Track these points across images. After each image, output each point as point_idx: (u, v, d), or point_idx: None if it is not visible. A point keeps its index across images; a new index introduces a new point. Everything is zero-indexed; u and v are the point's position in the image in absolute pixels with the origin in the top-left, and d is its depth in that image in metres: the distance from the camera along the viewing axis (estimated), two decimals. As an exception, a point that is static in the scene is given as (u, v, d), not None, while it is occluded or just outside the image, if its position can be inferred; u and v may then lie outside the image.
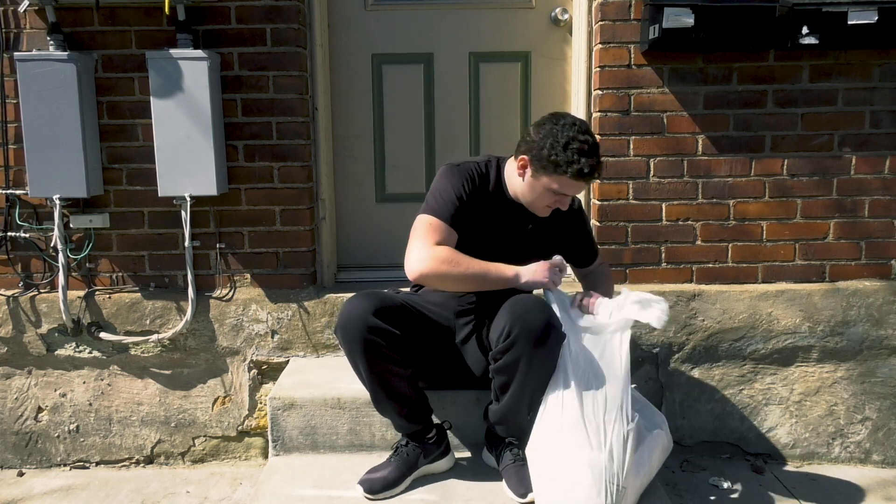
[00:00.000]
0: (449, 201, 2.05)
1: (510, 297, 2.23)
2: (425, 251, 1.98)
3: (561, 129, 1.96)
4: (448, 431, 2.23)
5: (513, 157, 2.11)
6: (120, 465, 2.74)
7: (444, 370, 2.25)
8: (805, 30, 2.40)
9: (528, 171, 2.03)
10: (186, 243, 2.59)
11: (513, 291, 2.27)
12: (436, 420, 2.20)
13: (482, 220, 2.10)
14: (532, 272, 2.01)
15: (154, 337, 2.64)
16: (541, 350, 1.92)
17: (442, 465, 2.19)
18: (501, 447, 2.15)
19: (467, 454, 2.32)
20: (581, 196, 2.73)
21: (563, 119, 2.00)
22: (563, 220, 2.20)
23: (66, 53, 2.45)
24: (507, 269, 2.01)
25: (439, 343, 2.19)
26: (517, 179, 2.08)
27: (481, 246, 2.05)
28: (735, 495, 2.45)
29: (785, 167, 2.61)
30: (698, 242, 2.65)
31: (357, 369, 2.04)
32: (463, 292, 2.17)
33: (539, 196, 2.05)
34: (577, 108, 2.73)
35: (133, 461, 2.74)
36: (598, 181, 2.56)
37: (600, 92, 2.59)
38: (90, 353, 2.68)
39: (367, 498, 2.03)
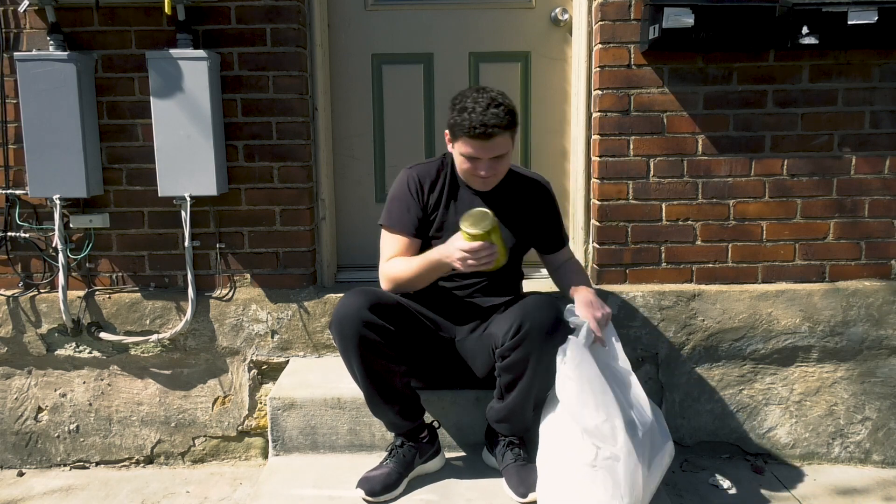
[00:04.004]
0: (401, 207, 2.18)
1: (512, 295, 2.24)
2: (381, 269, 2.18)
3: (463, 96, 2.06)
4: (438, 431, 2.23)
5: None
6: (120, 465, 2.74)
7: (442, 369, 2.25)
8: (805, 30, 2.40)
9: (450, 144, 2.12)
10: (186, 243, 2.59)
11: (514, 290, 2.29)
12: (426, 419, 2.20)
13: (447, 211, 2.18)
14: (443, 252, 2.02)
15: (154, 337, 2.64)
16: (550, 347, 1.93)
17: (435, 464, 2.19)
18: (503, 447, 2.15)
19: (466, 454, 2.32)
20: (581, 194, 2.74)
21: (472, 87, 2.11)
22: (530, 203, 2.23)
23: (66, 53, 2.45)
24: (432, 254, 2.06)
25: (437, 342, 2.19)
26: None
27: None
28: (735, 495, 2.45)
29: (785, 167, 2.61)
30: (698, 242, 2.65)
31: (350, 366, 2.04)
32: (461, 291, 2.20)
33: (460, 165, 2.11)
34: (577, 108, 2.73)
35: (133, 461, 2.74)
36: (498, 136, 2.05)
37: (600, 92, 2.59)
38: (90, 353, 2.68)
39: (367, 500, 2.02)
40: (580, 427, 1.91)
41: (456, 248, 1.95)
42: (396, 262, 2.14)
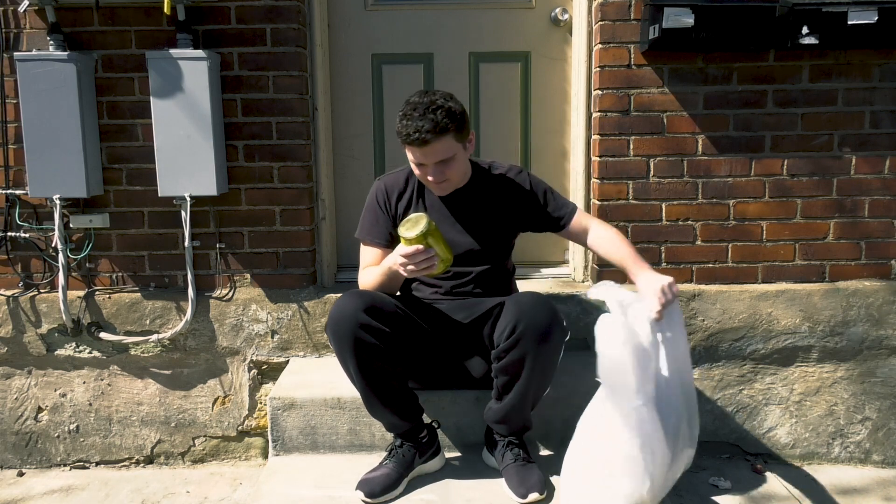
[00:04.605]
0: (370, 219, 2.21)
1: (506, 294, 2.24)
2: (358, 277, 2.23)
3: (407, 102, 2.04)
4: (437, 431, 2.22)
5: None
6: (120, 465, 2.74)
7: (439, 370, 2.25)
8: (805, 30, 2.40)
9: None
10: (186, 243, 2.59)
11: (506, 288, 2.28)
12: (425, 419, 2.20)
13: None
14: (390, 260, 2.03)
15: (154, 337, 2.64)
16: (546, 347, 1.92)
17: (435, 464, 2.19)
18: (503, 447, 2.14)
19: (466, 454, 2.32)
20: (581, 194, 2.74)
21: (420, 90, 2.07)
22: (503, 197, 2.20)
23: (66, 53, 2.45)
24: (385, 262, 2.07)
25: (433, 343, 2.19)
26: None
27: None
28: (735, 495, 2.45)
29: (785, 167, 2.61)
30: (698, 242, 2.65)
31: (347, 368, 2.03)
32: (453, 293, 2.21)
33: (415, 171, 2.10)
34: (577, 108, 2.73)
35: (133, 461, 2.74)
36: (439, 140, 2.00)
37: (600, 92, 2.59)
38: (90, 353, 2.68)
39: (366, 502, 2.01)
40: (614, 409, 1.85)
41: (397, 255, 1.95)
42: (367, 271, 2.19)
